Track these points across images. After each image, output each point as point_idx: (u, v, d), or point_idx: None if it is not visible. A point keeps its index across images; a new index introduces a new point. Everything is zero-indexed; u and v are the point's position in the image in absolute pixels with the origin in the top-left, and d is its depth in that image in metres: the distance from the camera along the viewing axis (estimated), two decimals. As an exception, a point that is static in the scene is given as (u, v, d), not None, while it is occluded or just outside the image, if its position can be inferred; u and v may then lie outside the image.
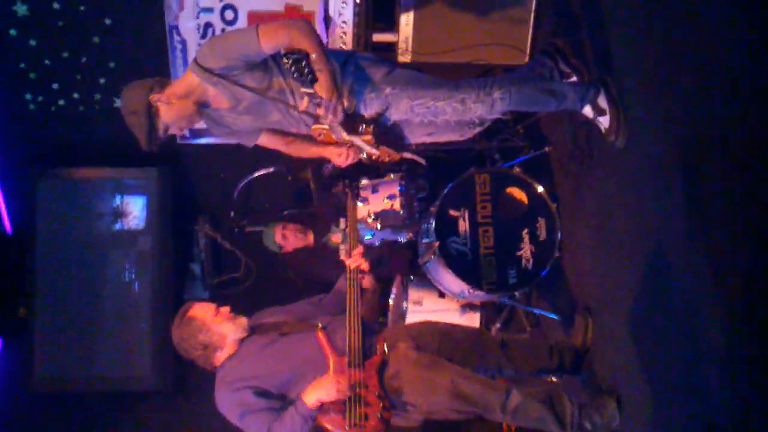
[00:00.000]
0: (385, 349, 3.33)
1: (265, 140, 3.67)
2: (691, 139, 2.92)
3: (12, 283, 4.97)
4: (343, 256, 3.49)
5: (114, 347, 5.00)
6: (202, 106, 3.33)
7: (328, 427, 3.16)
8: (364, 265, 3.45)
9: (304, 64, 2.88)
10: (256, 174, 4.92)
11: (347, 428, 3.12)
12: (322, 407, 3.15)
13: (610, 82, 3.40)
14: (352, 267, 3.43)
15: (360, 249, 3.49)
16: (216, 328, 3.29)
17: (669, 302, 3.10)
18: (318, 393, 3.14)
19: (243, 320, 3.36)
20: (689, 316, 2.94)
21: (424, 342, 3.43)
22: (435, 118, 3.43)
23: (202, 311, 3.33)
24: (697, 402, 2.88)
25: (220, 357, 3.31)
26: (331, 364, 3.21)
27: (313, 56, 3.01)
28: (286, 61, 2.88)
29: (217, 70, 3.15)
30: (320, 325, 3.34)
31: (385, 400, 3.18)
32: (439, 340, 3.46)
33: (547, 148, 4.21)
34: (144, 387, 5.00)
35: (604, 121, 3.41)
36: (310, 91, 3.07)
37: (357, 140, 3.45)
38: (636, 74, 3.34)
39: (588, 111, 3.45)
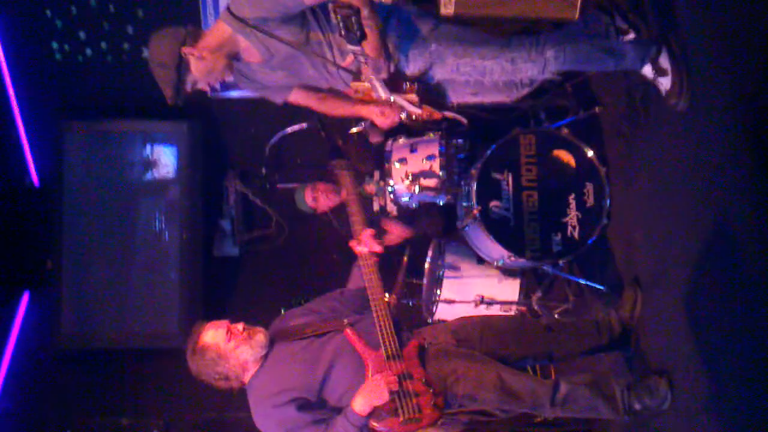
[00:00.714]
0: (426, 345, 3.13)
1: (297, 97, 3.51)
2: (763, 103, 2.69)
3: (40, 236, 4.92)
4: (353, 244, 3.26)
5: (142, 302, 4.93)
6: (233, 60, 3.19)
7: (382, 429, 2.91)
8: (377, 248, 3.22)
9: (354, 20, 2.71)
10: (289, 129, 4.75)
11: (403, 425, 2.89)
12: (374, 411, 2.90)
13: (672, 40, 3.15)
14: (364, 253, 3.20)
15: (370, 232, 3.24)
16: (233, 355, 3.02)
17: (730, 279, 2.90)
18: (369, 398, 2.88)
19: (260, 336, 3.07)
20: (753, 296, 2.74)
21: (464, 336, 3.25)
22: (482, 77, 3.24)
23: (215, 337, 3.03)
24: (760, 392, 2.69)
25: (246, 378, 3.08)
26: (370, 361, 2.99)
27: (365, 12, 2.82)
28: (334, 16, 2.72)
29: (251, 20, 3.00)
30: (346, 321, 3.11)
31: (434, 385, 2.98)
32: (480, 333, 3.27)
33: (597, 109, 3.97)
34: (171, 344, 4.87)
35: (665, 82, 3.17)
36: (357, 48, 2.90)
37: (399, 99, 3.28)
38: (702, 30, 3.09)
39: (648, 71, 3.22)
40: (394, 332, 3.03)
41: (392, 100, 3.33)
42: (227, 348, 3.01)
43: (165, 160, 4.95)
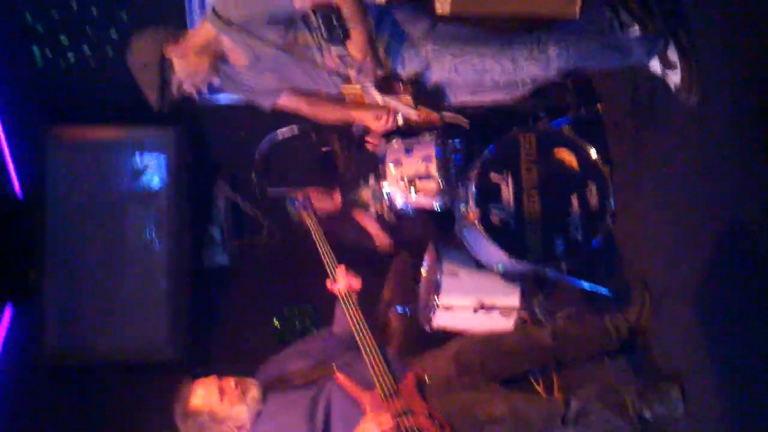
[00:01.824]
0: (425, 377, 2.96)
1: (286, 101, 3.41)
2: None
3: (23, 248, 4.73)
4: (329, 284, 3.10)
5: (130, 315, 4.74)
6: (220, 62, 3.07)
7: None
8: (356, 284, 3.07)
9: (334, 20, 2.60)
10: (279, 133, 4.63)
11: None
12: None
13: (680, 31, 3.04)
14: (341, 291, 3.04)
15: (342, 268, 3.09)
16: (227, 415, 2.80)
17: (744, 281, 2.81)
18: None
19: (254, 391, 2.87)
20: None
21: (466, 362, 3.14)
22: (481, 77, 3.12)
23: (206, 398, 2.81)
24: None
25: None
26: (366, 403, 2.80)
27: (345, 11, 2.71)
28: (313, 15, 2.60)
29: (236, 21, 2.89)
30: (334, 366, 2.92)
31: (439, 418, 2.79)
32: (481, 356, 3.19)
33: (599, 106, 3.86)
34: (160, 358, 4.76)
35: (674, 77, 3.06)
36: (342, 51, 2.79)
37: (393, 102, 3.16)
38: (712, 19, 3.00)
39: (655, 65, 3.11)
40: (387, 369, 2.85)
41: (385, 104, 3.22)
42: (221, 409, 2.80)
43: (153, 167, 4.80)
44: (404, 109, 3.30)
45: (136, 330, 4.75)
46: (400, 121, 3.46)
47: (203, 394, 2.83)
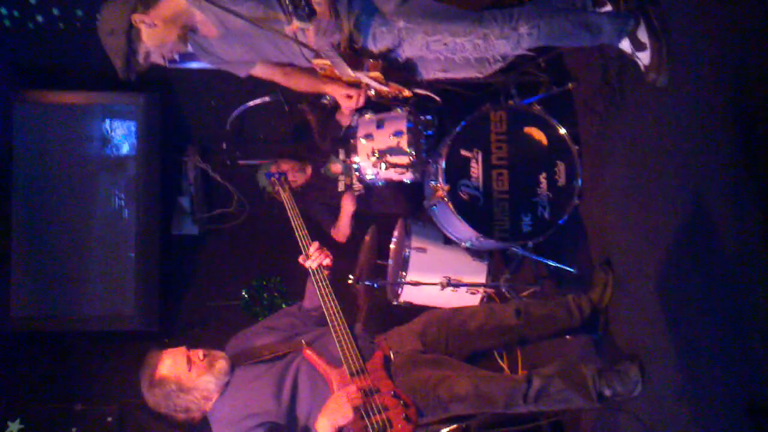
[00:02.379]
0: (391, 355, 2.99)
1: (261, 71, 3.39)
2: (747, 79, 2.59)
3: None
4: (300, 260, 3.10)
5: (97, 283, 4.72)
6: (190, 32, 3.04)
7: None
8: (327, 260, 3.07)
9: None
10: (252, 103, 4.58)
11: None
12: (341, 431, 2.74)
13: (651, 11, 3.01)
14: (313, 267, 3.04)
15: (316, 245, 3.09)
16: (194, 385, 2.81)
17: (706, 263, 2.82)
18: (331, 419, 2.70)
19: (222, 363, 2.88)
20: (731, 280, 2.66)
21: (431, 339, 3.13)
22: (453, 55, 3.10)
23: (174, 367, 2.82)
24: (738, 378, 2.62)
25: (207, 407, 2.87)
26: (333, 379, 2.82)
27: None
28: None
29: None
30: (304, 341, 2.93)
31: (404, 397, 2.82)
32: (446, 332, 3.16)
33: (570, 85, 3.85)
34: (127, 326, 4.74)
35: (643, 57, 3.04)
36: (307, 26, 2.76)
37: (363, 77, 3.14)
38: (683, 1, 2.98)
39: (626, 45, 3.08)
40: (355, 346, 2.88)
41: (355, 79, 3.20)
42: (189, 378, 2.81)
43: (122, 133, 4.75)
44: (374, 84, 3.27)
45: (103, 298, 4.72)
46: (372, 94, 3.43)
47: (171, 364, 2.83)
